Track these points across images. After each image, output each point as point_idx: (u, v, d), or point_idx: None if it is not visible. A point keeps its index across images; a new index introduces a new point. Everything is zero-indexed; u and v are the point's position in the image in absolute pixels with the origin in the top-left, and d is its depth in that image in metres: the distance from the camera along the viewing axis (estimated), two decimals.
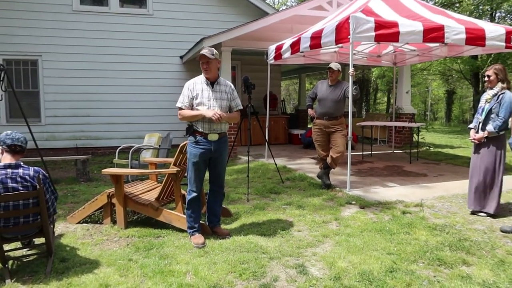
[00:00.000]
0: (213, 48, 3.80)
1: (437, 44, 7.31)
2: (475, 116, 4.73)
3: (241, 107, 4.01)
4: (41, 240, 3.40)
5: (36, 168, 3.19)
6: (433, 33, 5.59)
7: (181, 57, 10.73)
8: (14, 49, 9.56)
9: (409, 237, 3.84)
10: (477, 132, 4.60)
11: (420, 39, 5.59)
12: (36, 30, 9.67)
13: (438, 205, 4.98)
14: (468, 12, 15.80)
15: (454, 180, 6.44)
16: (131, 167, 6.43)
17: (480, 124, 4.55)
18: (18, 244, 3.57)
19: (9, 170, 3.04)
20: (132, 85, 10.45)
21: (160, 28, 10.56)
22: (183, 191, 4.41)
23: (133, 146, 6.78)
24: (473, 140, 4.64)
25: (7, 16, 9.45)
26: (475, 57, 18.17)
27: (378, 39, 5.52)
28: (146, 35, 10.47)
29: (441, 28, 5.61)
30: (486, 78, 4.60)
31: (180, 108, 3.77)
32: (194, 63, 10.44)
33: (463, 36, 5.72)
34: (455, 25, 5.76)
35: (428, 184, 6.18)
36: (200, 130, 3.72)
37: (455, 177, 6.64)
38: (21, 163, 3.14)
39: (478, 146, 4.61)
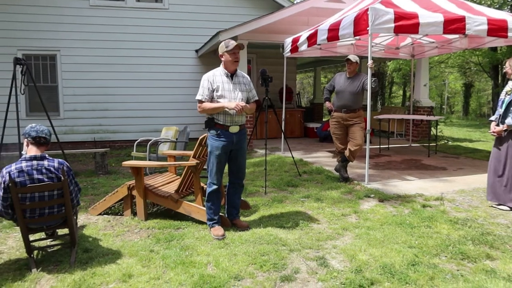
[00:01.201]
0: None
1: (457, 36, 7.18)
2: (497, 108, 4.65)
3: (257, 98, 4.03)
4: (65, 231, 3.47)
5: (60, 160, 3.24)
6: (454, 25, 5.48)
7: (197, 51, 10.75)
8: (33, 44, 9.71)
9: (430, 231, 3.80)
10: (497, 125, 4.52)
11: (440, 31, 5.48)
12: (54, 25, 9.79)
13: (458, 199, 4.91)
14: (488, 3, 15.45)
15: (474, 174, 6.34)
16: (149, 160, 6.49)
17: (500, 117, 4.46)
18: (42, 234, 3.65)
19: (34, 162, 3.10)
20: (148, 78, 10.53)
21: (176, 22, 10.59)
22: (202, 184, 4.44)
23: (150, 139, 6.84)
24: (492, 133, 4.56)
25: (26, 12, 9.59)
26: (494, 49, 17.79)
27: (398, 30, 5.43)
28: (162, 29, 10.52)
29: (462, 19, 5.50)
30: (504, 70, 4.53)
31: (200, 101, 3.74)
32: (209, 57, 10.46)
33: (485, 27, 5.59)
34: (476, 16, 5.63)
35: (448, 177, 6.09)
36: (222, 122, 3.72)
37: (475, 171, 6.54)
38: (46, 155, 3.19)
39: (499, 139, 4.53)
